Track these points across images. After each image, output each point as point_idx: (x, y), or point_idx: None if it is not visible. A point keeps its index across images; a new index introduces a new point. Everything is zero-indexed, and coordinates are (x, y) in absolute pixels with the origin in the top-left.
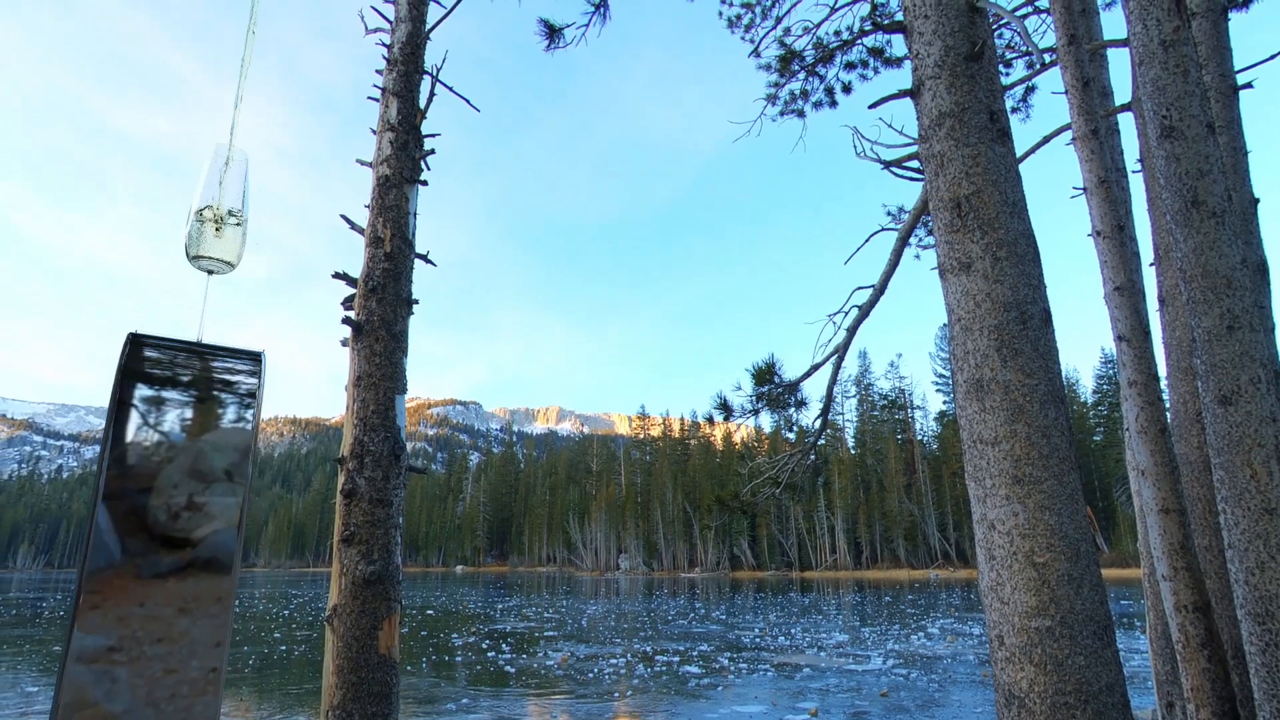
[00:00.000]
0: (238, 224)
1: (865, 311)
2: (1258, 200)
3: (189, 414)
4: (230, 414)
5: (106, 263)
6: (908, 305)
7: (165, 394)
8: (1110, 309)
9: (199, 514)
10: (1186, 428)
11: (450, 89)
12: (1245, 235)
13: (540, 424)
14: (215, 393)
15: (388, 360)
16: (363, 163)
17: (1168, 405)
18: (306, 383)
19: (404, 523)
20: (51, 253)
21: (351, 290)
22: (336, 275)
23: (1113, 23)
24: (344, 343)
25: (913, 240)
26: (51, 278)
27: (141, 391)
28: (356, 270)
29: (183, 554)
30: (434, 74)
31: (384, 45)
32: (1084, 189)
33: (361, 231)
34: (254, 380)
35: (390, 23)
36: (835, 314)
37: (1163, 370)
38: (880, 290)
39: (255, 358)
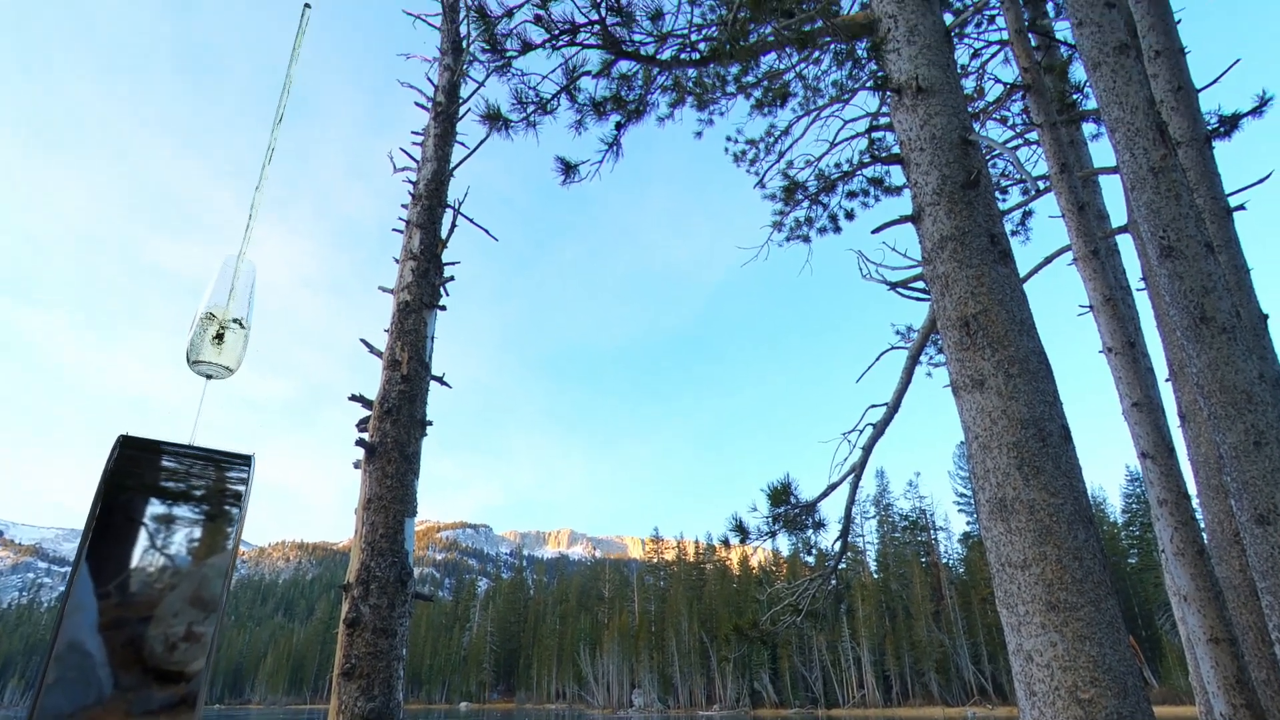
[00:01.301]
0: (241, 331)
1: (880, 430)
2: (1266, 315)
3: (175, 523)
4: (215, 525)
5: (133, 388)
6: (923, 423)
7: (152, 501)
8: (1130, 425)
9: (197, 646)
10: (1225, 549)
11: (470, 220)
12: (1259, 350)
13: (551, 548)
14: (202, 500)
15: (399, 482)
16: (384, 289)
17: (1202, 525)
18: (316, 506)
19: (407, 654)
20: (81, 379)
21: (367, 412)
22: (353, 398)
23: (1101, 152)
24: (356, 465)
25: (923, 358)
26: (76, 403)
27: (128, 497)
28: (373, 393)
29: (177, 689)
30: (455, 207)
31: (410, 182)
32: (1090, 307)
33: (380, 355)
34: (241, 486)
35: (417, 162)
36: (850, 432)
37: (1192, 488)
38: (894, 408)
39: (245, 461)
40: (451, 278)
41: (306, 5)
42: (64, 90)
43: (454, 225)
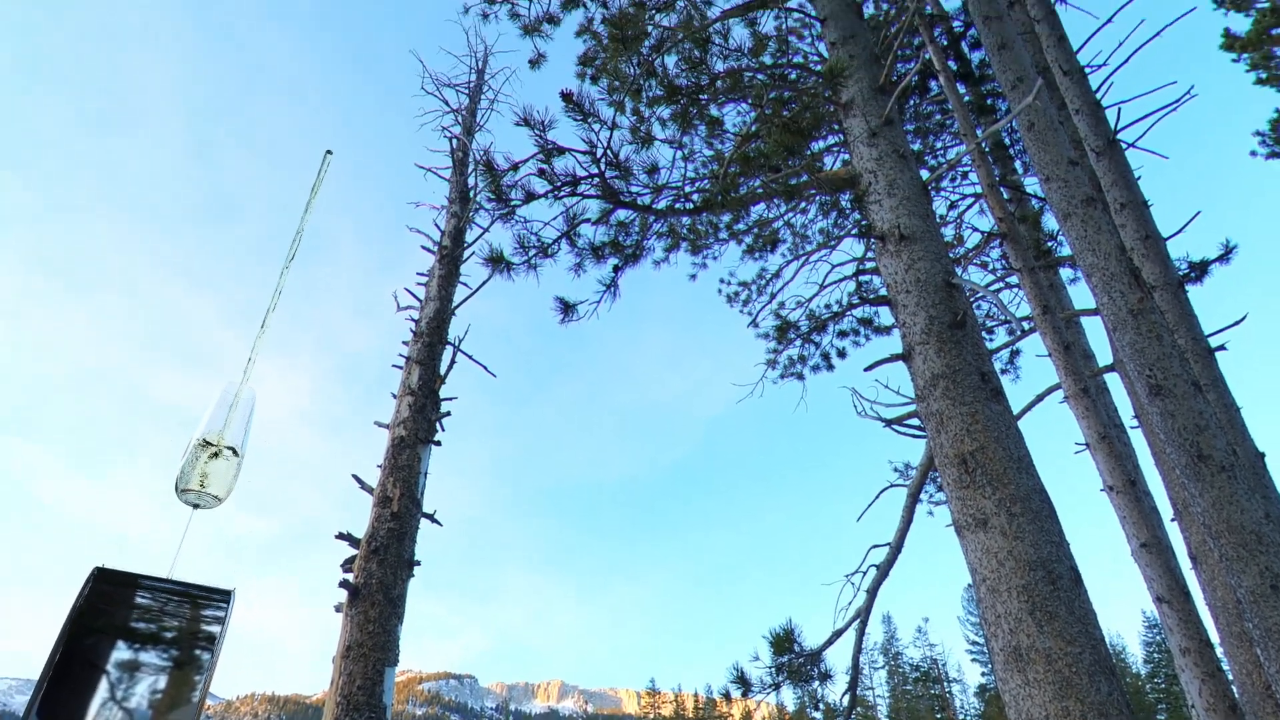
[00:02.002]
0: (234, 460)
1: (884, 571)
2: (1263, 454)
3: (140, 671)
4: (183, 674)
5: (115, 523)
6: (928, 564)
7: (119, 645)
8: (1141, 567)
9: None
10: (1258, 703)
11: (470, 357)
12: (1261, 489)
13: (540, 701)
14: (173, 643)
15: (381, 628)
16: (380, 424)
17: (1229, 674)
18: (292, 655)
19: None
20: (61, 514)
21: (353, 552)
22: (340, 536)
23: (1080, 294)
24: (338, 608)
25: (923, 496)
26: (53, 539)
27: (94, 640)
28: (361, 531)
29: None
30: (456, 344)
31: (412, 320)
32: (1086, 444)
33: (371, 491)
34: (217, 626)
35: (420, 302)
36: (853, 574)
37: (1214, 633)
38: (897, 549)
39: (224, 596)
40: (448, 413)
41: (328, 152)
42: (87, 231)
43: (453, 361)
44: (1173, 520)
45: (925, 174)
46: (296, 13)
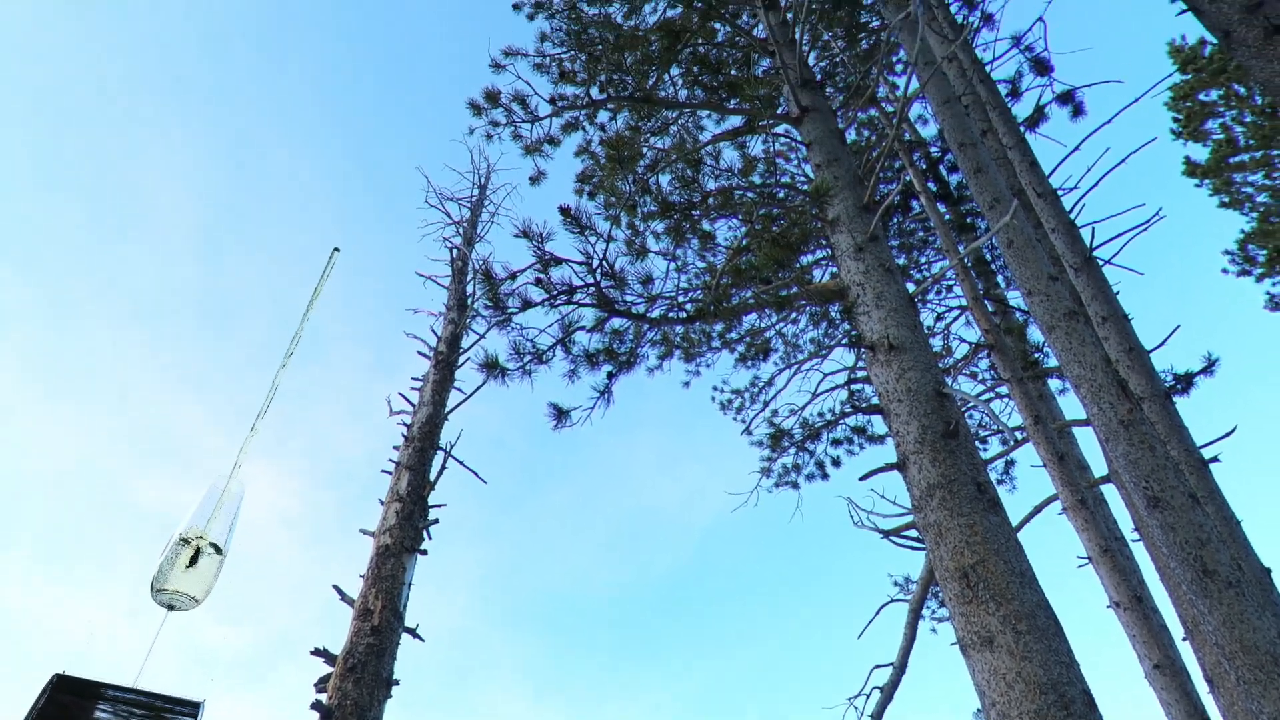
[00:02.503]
0: (216, 558)
1: (888, 694)
2: (1268, 569)
3: None
4: None
5: (79, 630)
6: (934, 684)
7: None
8: (1156, 690)
9: None
10: None
11: (461, 463)
12: (1271, 606)
13: None
14: None
15: None
16: (365, 532)
17: None
18: None
19: None
20: (21, 621)
21: (328, 669)
22: (315, 652)
23: (1069, 405)
24: None
25: (925, 612)
26: (10, 646)
27: None
28: (339, 646)
29: None
30: (447, 450)
31: (405, 425)
32: (1089, 558)
33: (352, 603)
34: None
35: (413, 406)
36: (855, 697)
37: None
38: (901, 669)
39: (192, 710)
40: (436, 521)
41: (336, 249)
42: (82, 333)
43: (444, 467)
44: (1184, 639)
45: (911, 287)
46: (310, 127)
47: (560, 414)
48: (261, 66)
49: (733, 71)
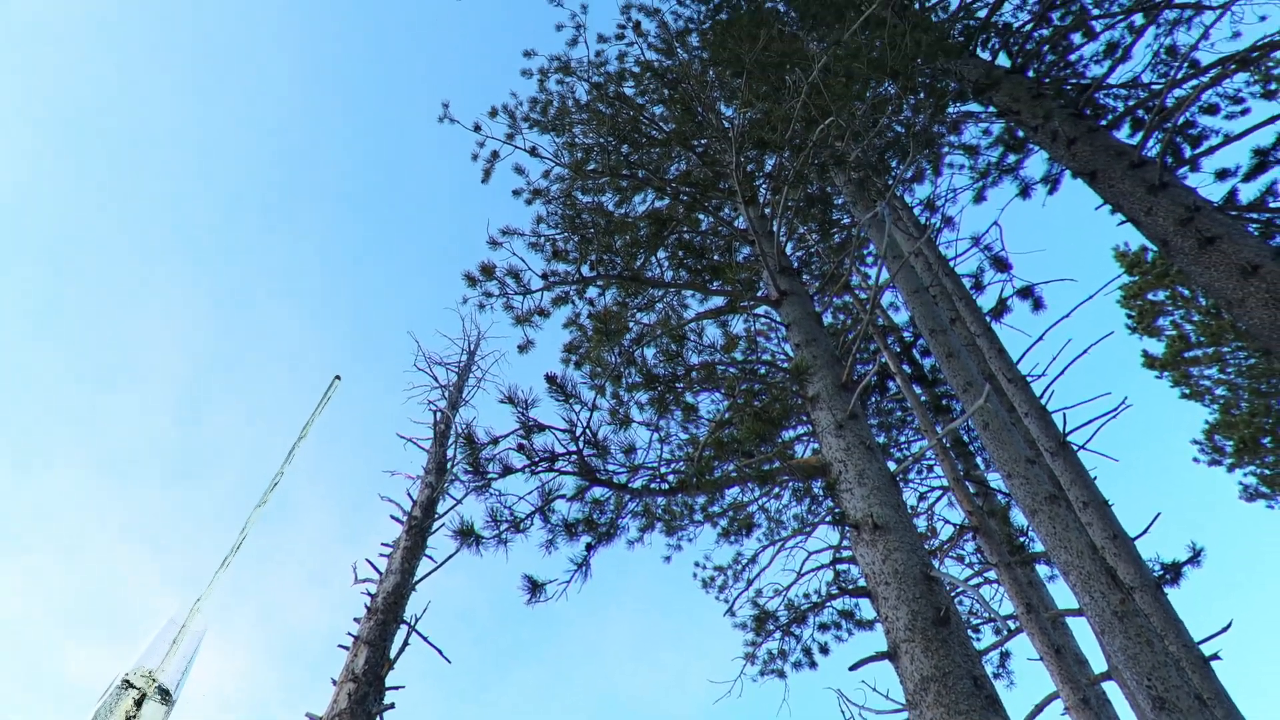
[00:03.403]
0: (161, 709)
1: None
2: None
3: None
4: None
5: None
6: None
7: None
8: None
9: None
10: None
11: (425, 639)
12: None
13: None
14: None
15: None
16: (312, 717)
17: None
18: None
19: None
20: None
21: None
22: None
23: (1059, 592)
24: None
25: None
26: None
27: None
28: None
29: None
30: (411, 623)
31: (369, 595)
32: None
33: None
34: None
35: (380, 574)
36: None
37: None
38: None
39: None
40: (392, 705)
41: (337, 378)
42: (43, 486)
43: (406, 643)
44: None
45: (892, 466)
46: (307, 289)
47: (535, 587)
48: (265, 226)
49: (715, 257)
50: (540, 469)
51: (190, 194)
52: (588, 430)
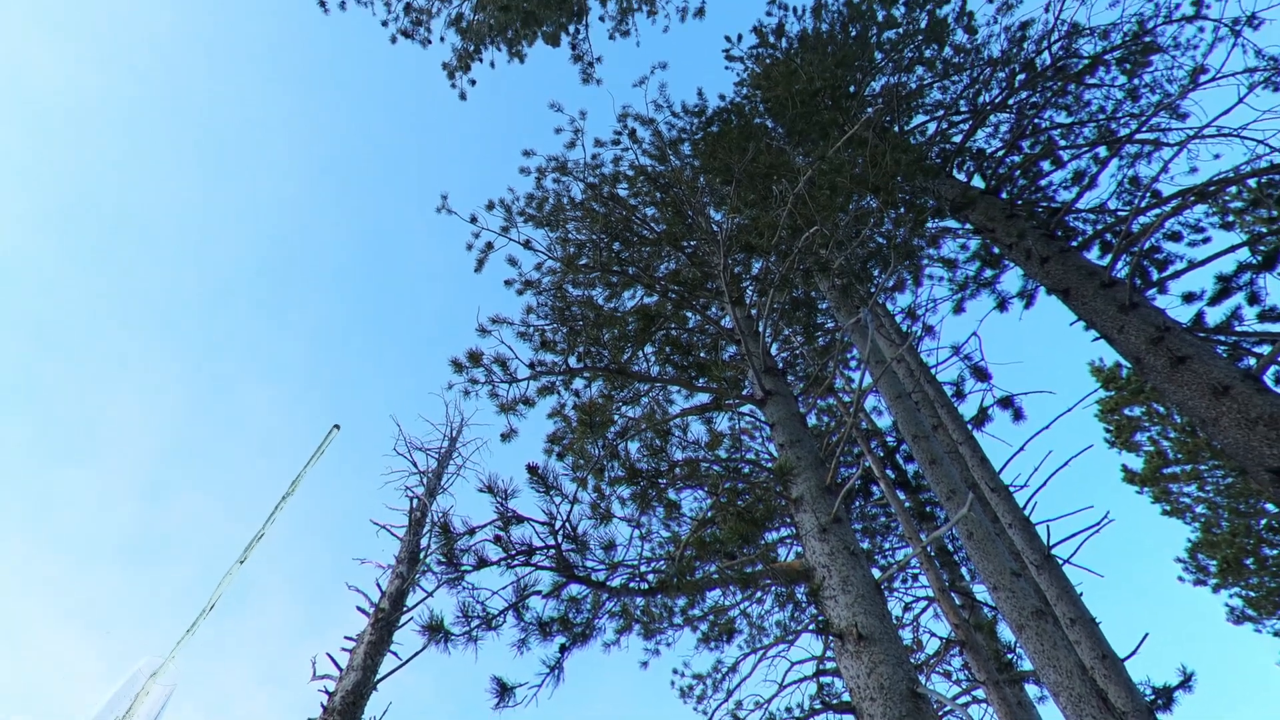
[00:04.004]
0: None
1: None
2: None
3: None
4: None
5: None
6: None
7: None
8: None
9: None
10: None
11: None
12: None
13: None
14: None
15: None
16: None
17: None
18: None
19: None
20: None
21: None
22: None
23: (1050, 713)
24: None
25: None
26: None
27: None
28: None
29: None
30: None
31: (326, 693)
32: None
33: None
34: None
35: (340, 671)
36: None
37: None
38: None
39: None
40: None
41: (336, 427)
42: None
43: None
44: None
45: (877, 572)
46: (290, 372)
47: (504, 690)
48: (254, 307)
49: (702, 354)
50: (517, 563)
51: (181, 275)
52: (567, 524)
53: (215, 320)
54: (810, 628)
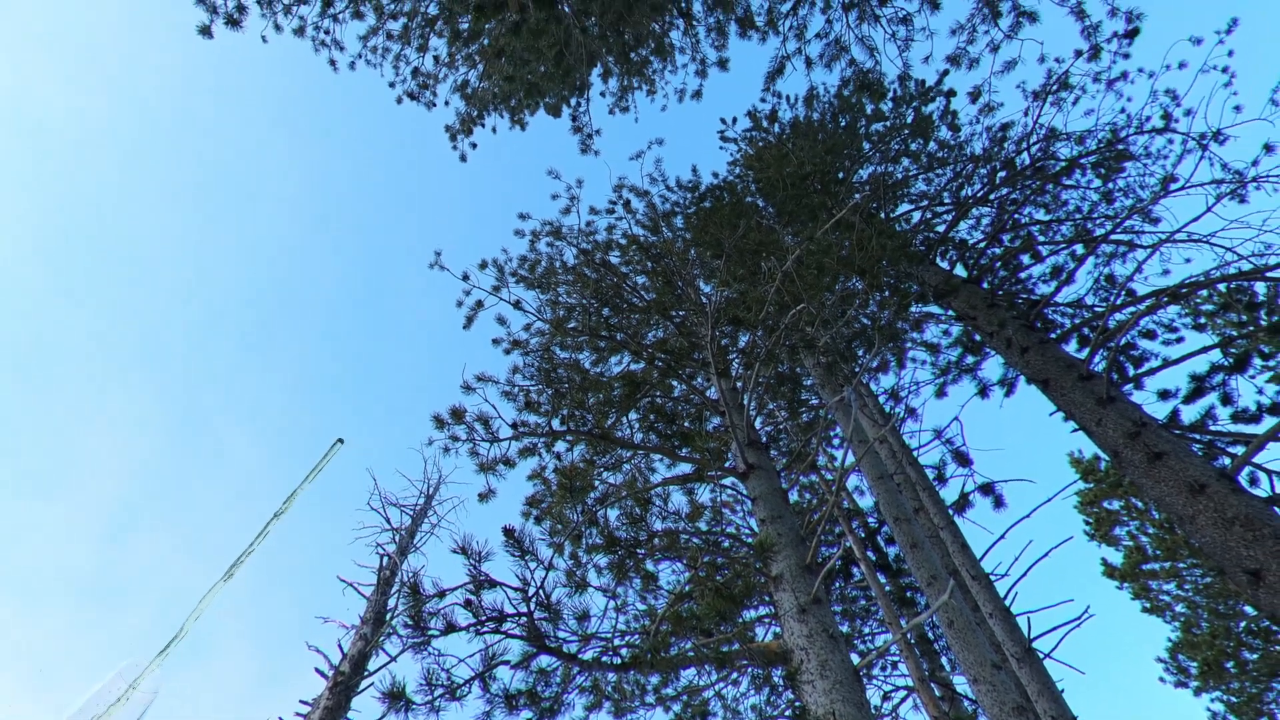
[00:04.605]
0: None
1: None
2: None
3: None
4: None
5: None
6: None
7: None
8: None
9: None
10: None
11: None
12: None
13: None
14: None
15: None
16: None
17: None
18: None
19: None
20: None
21: None
22: None
23: None
24: None
25: None
26: None
27: None
28: None
29: None
30: None
31: None
32: None
33: None
34: None
35: None
36: None
37: None
38: None
39: None
40: None
41: (339, 440)
42: None
43: None
44: None
45: (856, 658)
46: (269, 418)
47: None
48: (240, 349)
49: (686, 423)
50: (486, 629)
51: (169, 308)
52: (541, 591)
53: (199, 356)
54: (787, 714)
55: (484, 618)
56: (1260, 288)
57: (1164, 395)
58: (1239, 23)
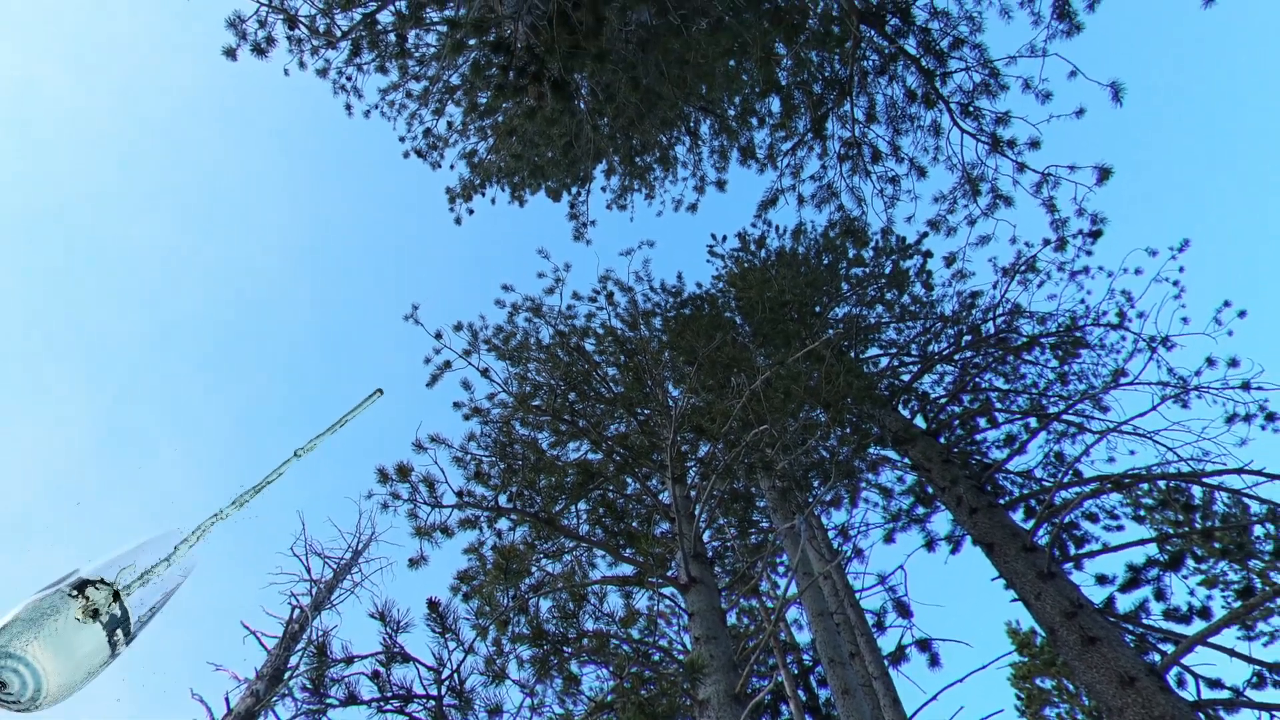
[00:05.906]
0: (114, 636)
1: None
2: None
3: None
4: None
5: None
6: None
7: None
8: None
9: None
10: None
11: None
12: None
13: None
14: None
15: None
16: None
17: None
18: None
19: None
20: None
21: None
22: None
23: None
24: None
25: None
26: None
27: None
28: None
29: None
30: None
31: None
32: None
33: None
34: None
35: None
36: None
37: None
38: None
39: None
40: None
41: (379, 390)
42: None
43: None
44: None
45: None
46: (209, 442)
47: None
48: (185, 369)
49: (634, 524)
50: (390, 708)
51: (126, 315)
52: (456, 675)
53: (146, 369)
54: None
55: (390, 694)
56: (1197, 491)
57: (1101, 580)
58: (1190, 243)
